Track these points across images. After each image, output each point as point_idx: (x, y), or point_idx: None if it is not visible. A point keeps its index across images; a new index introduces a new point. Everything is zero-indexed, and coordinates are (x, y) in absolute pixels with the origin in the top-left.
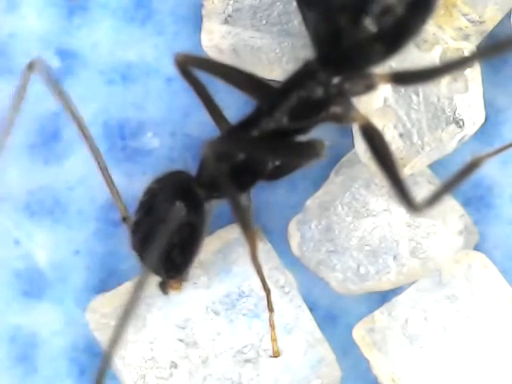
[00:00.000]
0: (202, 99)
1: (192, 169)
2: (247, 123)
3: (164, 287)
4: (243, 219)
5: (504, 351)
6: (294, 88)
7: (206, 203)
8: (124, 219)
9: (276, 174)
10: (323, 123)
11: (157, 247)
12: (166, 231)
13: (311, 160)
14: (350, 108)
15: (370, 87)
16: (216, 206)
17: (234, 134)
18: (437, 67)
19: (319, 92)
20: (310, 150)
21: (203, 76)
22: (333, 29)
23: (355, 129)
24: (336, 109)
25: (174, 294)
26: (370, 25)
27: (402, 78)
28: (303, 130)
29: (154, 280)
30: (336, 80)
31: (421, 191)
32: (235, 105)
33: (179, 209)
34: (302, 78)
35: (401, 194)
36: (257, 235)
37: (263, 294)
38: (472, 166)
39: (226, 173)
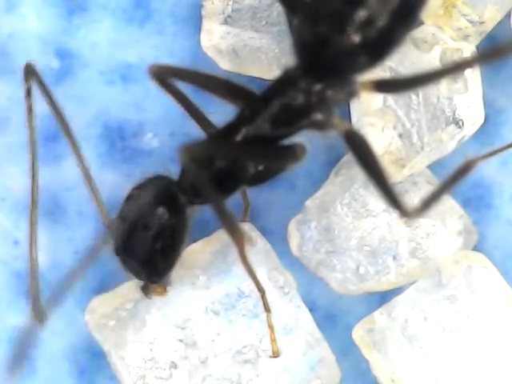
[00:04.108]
0: (184, 106)
1: None
2: (229, 129)
3: (146, 291)
4: (228, 222)
5: (503, 351)
6: (276, 95)
7: (189, 208)
8: (107, 226)
9: (258, 179)
10: (305, 130)
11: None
12: (147, 237)
13: (293, 164)
14: (332, 115)
15: (351, 95)
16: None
17: (213, 140)
18: (421, 75)
19: (300, 99)
20: (291, 155)
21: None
22: (316, 36)
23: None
24: (317, 116)
25: (173, 295)
26: (353, 34)
27: (384, 86)
28: (285, 135)
29: (138, 284)
30: (318, 87)
31: (420, 191)
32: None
33: (161, 214)
34: (283, 85)
35: (391, 200)
36: (244, 237)
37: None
38: (465, 169)
39: (206, 178)
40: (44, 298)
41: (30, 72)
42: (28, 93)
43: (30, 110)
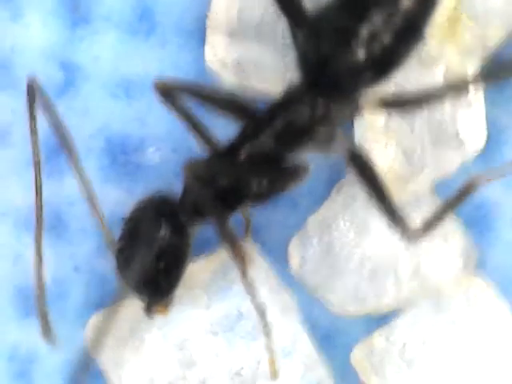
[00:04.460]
0: (188, 122)
1: None
2: (232, 146)
3: (149, 311)
4: (229, 240)
5: (503, 375)
6: (280, 111)
7: (190, 227)
8: (109, 244)
9: (261, 197)
10: (308, 147)
11: (139, 271)
12: (149, 256)
13: (296, 183)
14: (336, 132)
15: (356, 112)
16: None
17: (216, 157)
18: (424, 93)
19: (304, 115)
20: (294, 173)
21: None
22: (321, 52)
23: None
24: (321, 133)
25: (173, 314)
26: (358, 50)
27: (388, 103)
28: (288, 153)
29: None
30: (322, 103)
31: (422, 210)
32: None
33: (164, 233)
34: (287, 100)
35: (393, 219)
36: (245, 255)
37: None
38: (468, 189)
39: (209, 195)
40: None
41: (32, 87)
42: (31, 108)
43: (33, 125)
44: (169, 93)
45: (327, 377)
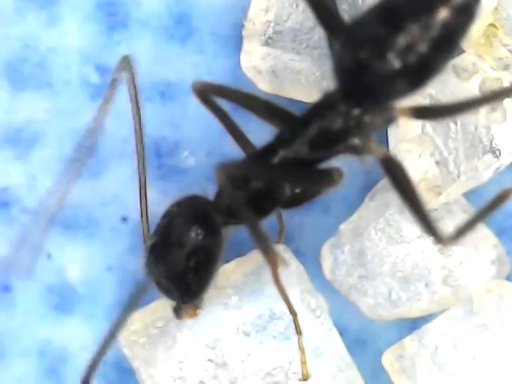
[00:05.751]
0: (225, 125)
1: None
2: (267, 150)
3: (178, 312)
4: (262, 243)
5: None
6: (314, 119)
7: (224, 228)
8: (144, 242)
9: (294, 201)
10: (342, 155)
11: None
12: (180, 256)
13: (330, 188)
14: (369, 140)
15: (390, 121)
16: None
17: (250, 160)
18: (459, 103)
19: (339, 123)
20: (328, 179)
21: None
22: (356, 61)
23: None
24: (355, 141)
25: (204, 314)
26: (393, 60)
27: (422, 113)
28: (322, 159)
29: (170, 304)
30: (356, 112)
31: (455, 219)
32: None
33: (197, 233)
34: (322, 108)
35: (426, 227)
36: (278, 257)
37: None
38: (500, 199)
39: (242, 198)
40: None
41: (124, 65)
42: (113, 84)
43: (107, 101)
44: (206, 94)
45: (359, 378)
